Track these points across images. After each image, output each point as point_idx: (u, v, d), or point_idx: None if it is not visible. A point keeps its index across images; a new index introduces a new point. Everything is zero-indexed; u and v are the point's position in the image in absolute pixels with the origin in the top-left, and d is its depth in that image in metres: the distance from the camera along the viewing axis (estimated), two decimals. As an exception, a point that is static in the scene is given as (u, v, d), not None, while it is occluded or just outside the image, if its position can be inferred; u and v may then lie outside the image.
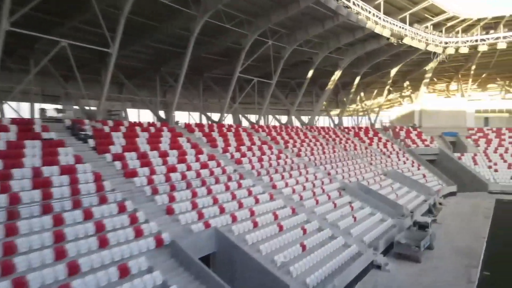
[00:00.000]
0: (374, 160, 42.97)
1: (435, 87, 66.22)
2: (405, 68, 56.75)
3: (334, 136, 46.69)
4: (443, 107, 56.38)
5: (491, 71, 58.92)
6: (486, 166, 46.62)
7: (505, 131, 51.81)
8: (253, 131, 36.32)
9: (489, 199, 39.38)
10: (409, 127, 56.49)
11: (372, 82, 62.65)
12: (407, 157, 48.21)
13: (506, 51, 52.01)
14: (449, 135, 53.40)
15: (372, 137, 51.91)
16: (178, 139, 26.02)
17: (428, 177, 43.66)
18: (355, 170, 36.16)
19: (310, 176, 29.59)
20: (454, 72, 59.91)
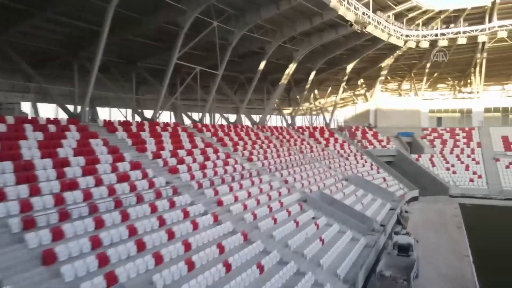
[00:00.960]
0: (333, 164, 38.78)
1: (388, 86, 64.32)
2: (360, 65, 53.66)
3: (288, 137, 41.92)
4: (399, 106, 54.17)
5: (442, 70, 57.93)
6: (444, 167, 44.54)
7: (459, 131, 50.53)
8: (195, 130, 30.22)
9: (452, 204, 36.81)
10: (365, 127, 53.55)
11: (326, 79, 59.06)
12: (365, 159, 44.81)
13: (459, 50, 50.89)
14: (405, 135, 51.11)
15: (328, 138, 48.02)
16: (90, 141, 19.26)
17: (389, 181, 40.40)
18: (314, 176, 31.46)
19: (264, 186, 24.17)
20: (408, 70, 58.15)
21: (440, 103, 55.08)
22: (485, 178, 41.51)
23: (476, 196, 39.37)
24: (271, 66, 44.16)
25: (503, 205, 36.07)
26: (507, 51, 50.53)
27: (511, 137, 46.99)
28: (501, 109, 51.24)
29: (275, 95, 42.05)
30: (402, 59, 53.38)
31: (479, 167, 43.48)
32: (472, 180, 41.53)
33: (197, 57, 33.59)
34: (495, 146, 46.37)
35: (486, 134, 48.80)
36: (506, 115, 51.33)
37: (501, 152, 45.32)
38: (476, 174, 42.39)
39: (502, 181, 40.40)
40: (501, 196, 38.67)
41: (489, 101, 52.01)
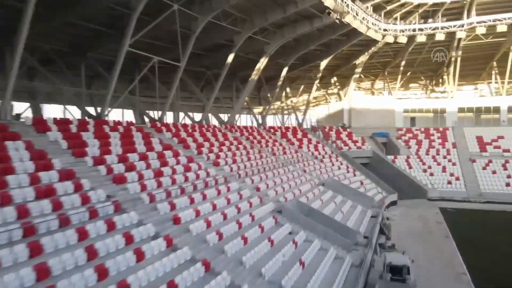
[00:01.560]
0: (308, 167, 35.77)
1: (361, 85, 62.51)
2: (334, 62, 51.19)
3: (259, 138, 38.54)
4: (373, 105, 52.20)
5: (416, 69, 56.68)
6: (421, 169, 42.74)
7: (433, 132, 49.16)
8: (153, 131, 26.14)
9: (433, 208, 34.78)
10: (339, 127, 51.13)
11: (298, 77, 56.24)
12: (340, 161, 42.20)
13: (433, 48, 49.54)
14: (380, 135, 49.13)
15: (301, 139, 45.09)
16: (7, 144, 14.91)
17: (366, 184, 37.91)
18: (289, 182, 28.22)
19: (233, 195, 20.56)
20: (381, 69, 56.43)
21: (414, 102, 53.65)
22: (462, 180, 39.96)
23: (455, 199, 37.65)
24: (240, 62, 40.72)
25: (484, 208, 34.42)
26: (479, 50, 49.84)
27: (485, 137, 45.99)
28: (474, 109, 50.34)
29: (244, 92, 38.54)
30: (376, 56, 51.46)
31: (456, 168, 41.99)
32: (450, 183, 39.87)
33: (158, 48, 29.54)
34: (471, 147, 45.18)
35: (460, 135, 47.65)
36: (479, 115, 50.52)
37: (476, 152, 44.13)
38: (453, 176, 40.81)
39: (480, 183, 38.96)
40: (480, 199, 37.14)
41: (462, 101, 51.00)
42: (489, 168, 40.82)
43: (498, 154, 43.08)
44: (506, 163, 40.88)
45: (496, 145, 44.37)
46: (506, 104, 48.63)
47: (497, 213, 32.58)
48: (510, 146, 43.60)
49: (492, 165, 41.21)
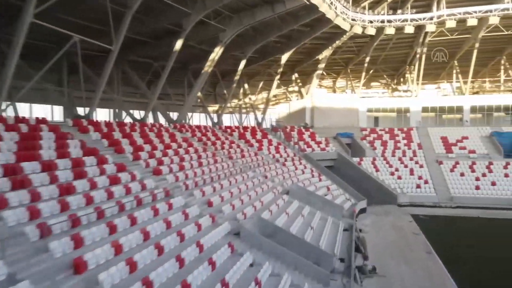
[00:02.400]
0: (269, 172, 31.45)
1: (322, 83, 59.56)
2: (295, 57, 47.52)
3: (214, 139, 33.66)
4: (336, 104, 49.11)
5: (378, 67, 54.52)
6: (388, 172, 40.00)
7: (398, 132, 46.93)
8: (75, 130, 20.41)
9: (404, 215, 31.84)
10: (301, 127, 47.46)
11: (257, 72, 52.01)
12: (304, 165, 38.38)
13: (397, 44, 47.40)
14: (345, 136, 46.04)
15: (261, 140, 40.76)
16: None
17: (333, 190, 34.29)
18: (248, 192, 23.64)
19: (175, 216, 15.56)
20: (344, 66, 53.65)
21: (378, 101, 51.26)
22: (432, 183, 37.62)
23: (426, 205, 35.11)
24: (193, 53, 35.82)
25: (456, 214, 32.00)
26: (444, 47, 48.35)
27: (450, 138, 44.36)
28: (438, 108, 48.80)
29: (196, 86, 33.42)
30: (339, 52, 48.44)
31: (424, 171, 39.67)
32: (419, 186, 37.35)
33: (87, 31, 23.67)
34: (436, 148, 43.27)
35: (425, 135, 45.74)
36: (442, 114, 49.08)
37: (443, 154, 42.24)
38: (422, 179, 38.38)
39: (449, 187, 36.77)
40: (451, 203, 34.86)
41: (426, 100, 49.31)
42: (456, 170, 38.87)
43: (464, 155, 41.41)
44: (473, 165, 39.17)
45: (461, 145, 42.77)
46: (469, 104, 47.48)
47: (471, 220, 30.20)
48: (474, 147, 42.17)
49: (460, 167, 39.34)
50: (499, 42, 46.75)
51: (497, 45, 47.35)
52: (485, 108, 47.32)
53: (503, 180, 36.38)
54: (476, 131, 44.85)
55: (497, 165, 38.63)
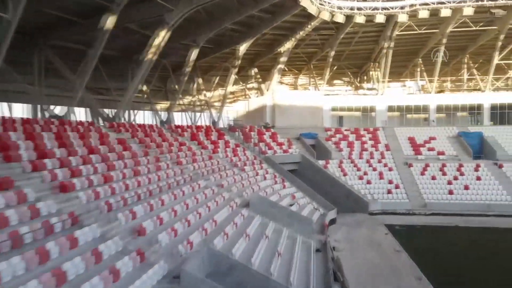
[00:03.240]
0: (226, 179, 26.58)
1: (283, 80, 55.65)
2: (254, 49, 43.15)
3: (160, 140, 28.18)
4: (299, 102, 45.16)
5: (342, 63, 51.45)
6: (357, 176, 36.57)
7: (364, 132, 43.91)
8: None
9: (378, 226, 28.30)
10: (261, 127, 43.01)
11: (212, 66, 47.02)
12: (266, 169, 33.90)
13: (362, 39, 44.45)
14: (309, 136, 42.19)
15: (217, 141, 35.77)
16: None
17: (299, 199, 30.08)
18: (198, 208, 18.61)
19: (76, 261, 10.21)
20: (306, 61, 49.97)
21: (342, 100, 47.99)
22: (403, 188, 34.64)
23: (398, 212, 31.95)
24: (135, 40, 30.48)
25: (432, 223, 29.07)
26: (408, 44, 46.14)
27: (418, 138, 41.96)
28: (404, 107, 46.44)
29: (137, 77, 27.74)
30: (302, 45, 44.62)
31: (393, 174, 36.69)
32: (391, 192, 34.20)
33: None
34: (405, 149, 40.62)
35: (391, 135, 43.06)
36: (408, 114, 46.83)
37: (411, 156, 39.62)
38: (392, 183, 35.31)
39: (422, 192, 33.96)
40: (425, 210, 31.96)
41: (392, 99, 46.76)
42: (427, 173, 36.25)
43: (433, 157, 39.03)
44: (444, 167, 36.77)
45: (429, 147, 40.44)
46: (435, 103, 45.51)
47: (450, 231, 27.28)
48: (443, 148, 39.99)
49: (430, 169, 36.78)
50: (464, 40, 45.25)
51: (462, 42, 45.83)
52: (451, 108, 45.57)
53: (476, 184, 34.14)
54: (443, 131, 42.87)
55: (467, 167, 36.49)
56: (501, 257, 21.35)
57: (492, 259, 21.17)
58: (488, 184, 33.83)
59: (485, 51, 46.76)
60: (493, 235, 25.81)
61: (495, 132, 41.31)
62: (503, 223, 28.43)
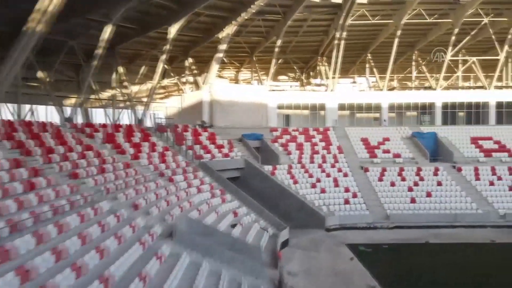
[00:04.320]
0: (144, 196, 19.61)
1: (223, 74, 49.43)
2: (188, 34, 36.42)
3: (52, 144, 20.39)
4: (242, 97, 39.16)
5: (288, 57, 46.50)
6: (309, 184, 31.44)
7: (313, 133, 39.18)
8: None
9: (339, 247, 23.19)
10: (197, 126, 36.30)
11: (138, 54, 39.47)
12: (201, 179, 27.32)
13: (312, 27, 39.77)
14: (253, 138, 36.38)
15: (140, 144, 28.51)
16: None
17: (242, 216, 23.96)
18: (88, 252, 11.59)
19: None
20: (249, 53, 44.21)
21: (289, 96, 42.86)
22: (361, 197, 30.17)
23: (359, 227, 27.29)
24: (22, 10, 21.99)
25: (399, 240, 24.66)
26: (358, 37, 42.46)
27: (371, 139, 38.17)
28: (355, 106, 42.55)
29: (12, 56, 19.55)
30: (245, 32, 38.76)
31: (349, 181, 32.19)
32: (348, 202, 29.50)
33: None
34: (358, 152, 36.50)
35: (343, 136, 38.85)
36: (359, 112, 43.08)
37: (366, 159, 35.56)
38: (349, 191, 30.70)
39: (382, 201, 29.73)
40: (388, 223, 27.64)
41: (342, 96, 42.63)
42: (385, 179, 32.28)
43: (389, 160, 35.32)
44: (402, 172, 33.09)
45: (384, 148, 36.75)
46: (387, 101, 42.21)
47: (423, 250, 22.95)
48: (398, 150, 36.52)
49: (388, 174, 32.89)
50: (416, 34, 42.61)
51: (413, 37, 43.18)
52: (403, 107, 42.60)
53: (437, 190, 30.72)
54: (396, 131, 39.59)
55: (426, 171, 33.14)
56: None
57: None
58: (450, 191, 30.57)
59: (435, 48, 44.77)
60: (471, 252, 21.97)
61: (448, 133, 38.88)
62: (474, 236, 24.96)
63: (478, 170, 32.94)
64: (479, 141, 37.40)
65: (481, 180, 31.81)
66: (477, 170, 33.00)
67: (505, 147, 36.47)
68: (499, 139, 37.58)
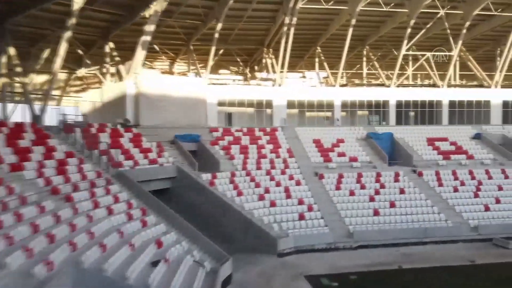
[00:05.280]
0: (14, 229, 12.63)
1: (155, 66, 42.40)
2: (106, 11, 29.26)
3: None
4: (175, 91, 32.59)
5: (230, 47, 40.78)
6: (256, 196, 25.96)
7: (260, 133, 33.97)
8: None
9: (296, 281, 18.01)
10: (118, 126, 29.12)
11: (39, 34, 31.28)
12: (115, 194, 20.47)
13: (258, 10, 34.57)
14: (188, 139, 30.16)
15: (29, 148, 20.98)
16: None
17: (169, 246, 17.63)
18: None
19: None
20: (185, 41, 37.78)
21: (232, 91, 37.10)
22: (318, 210, 25.42)
23: (318, 248, 22.33)
24: None
25: (367, 265, 20.18)
26: (308, 28, 38.16)
27: (324, 141, 33.90)
28: (306, 103, 38.05)
29: None
30: (178, 13, 32.39)
31: (303, 190, 27.36)
32: (303, 217, 24.50)
33: None
34: (311, 155, 31.92)
35: (293, 137, 34.16)
36: (310, 110, 38.71)
37: (320, 163, 31.07)
38: (304, 203, 25.78)
39: (342, 214, 25.20)
40: (351, 242, 23.04)
41: (291, 93, 37.87)
42: (344, 187, 27.91)
43: (345, 164, 31.17)
44: (360, 178, 29.03)
45: (339, 151, 32.63)
46: (340, 99, 38.28)
47: (398, 278, 18.52)
48: (355, 153, 32.63)
49: (346, 181, 28.60)
50: (369, 26, 39.31)
51: (364, 30, 39.87)
52: (357, 104, 38.97)
53: (401, 199, 27.02)
54: (350, 132, 35.81)
55: (386, 176, 29.45)
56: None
57: None
58: (414, 199, 27.00)
59: (386, 43, 42.10)
60: (454, 281, 17.94)
61: (404, 133, 35.92)
62: (449, 256, 21.31)
63: (439, 175, 29.99)
64: (435, 143, 34.86)
65: (445, 186, 28.75)
66: (439, 174, 30.04)
67: (462, 149, 34.27)
68: (455, 140, 35.39)
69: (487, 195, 27.78)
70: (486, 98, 39.85)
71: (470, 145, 34.84)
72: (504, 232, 24.03)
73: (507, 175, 30.40)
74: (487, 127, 38.14)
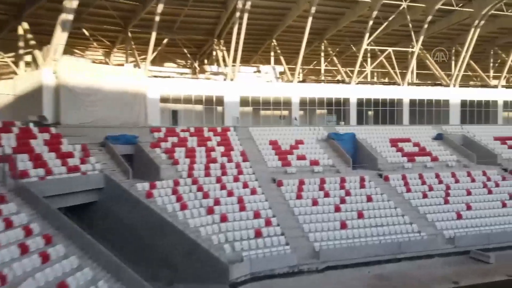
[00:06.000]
0: None
1: (87, 54, 36.40)
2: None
3: None
4: (106, 83, 27.20)
5: (175, 37, 35.83)
6: (203, 209, 21.59)
7: (209, 134, 29.64)
8: None
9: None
10: (30, 124, 23.29)
11: None
12: (8, 216, 15.09)
13: None
14: (122, 141, 25.02)
15: None
16: None
17: (82, 284, 12.81)
18: None
19: None
20: (122, 27, 32.41)
21: (177, 86, 32.29)
22: (277, 224, 21.60)
23: (279, 273, 18.47)
24: None
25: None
26: (262, 18, 34.48)
27: (282, 142, 30.39)
28: (261, 100, 34.28)
29: None
30: None
31: (259, 200, 23.44)
32: (260, 234, 20.53)
33: None
34: (268, 159, 28.14)
35: (247, 138, 30.28)
36: (266, 108, 34.99)
37: (278, 168, 27.43)
38: (261, 217, 21.85)
39: (306, 229, 21.60)
40: (317, 263, 19.44)
41: (245, 88, 33.86)
42: (305, 195, 24.41)
43: (306, 169, 27.76)
44: (323, 184, 25.79)
45: (299, 154, 29.18)
46: (299, 96, 34.93)
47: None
48: (315, 156, 29.41)
49: (307, 188, 25.20)
50: (325, 19, 36.45)
51: (322, 23, 36.95)
52: (316, 102, 35.87)
53: (369, 208, 24.04)
54: (310, 132, 32.64)
55: (351, 182, 26.47)
56: None
57: None
58: (383, 208, 24.14)
59: (345, 38, 39.61)
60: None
61: (366, 134, 33.42)
62: (429, 276, 18.48)
63: (406, 179, 27.63)
64: (398, 144, 32.68)
65: (413, 192, 26.32)
66: (405, 178, 27.68)
67: (425, 150, 32.40)
68: (417, 141, 33.51)
69: (457, 201, 25.72)
70: (445, 97, 38.64)
71: (433, 146, 33.11)
72: (480, 243, 21.88)
73: (473, 178, 28.76)
74: (447, 127, 36.90)
